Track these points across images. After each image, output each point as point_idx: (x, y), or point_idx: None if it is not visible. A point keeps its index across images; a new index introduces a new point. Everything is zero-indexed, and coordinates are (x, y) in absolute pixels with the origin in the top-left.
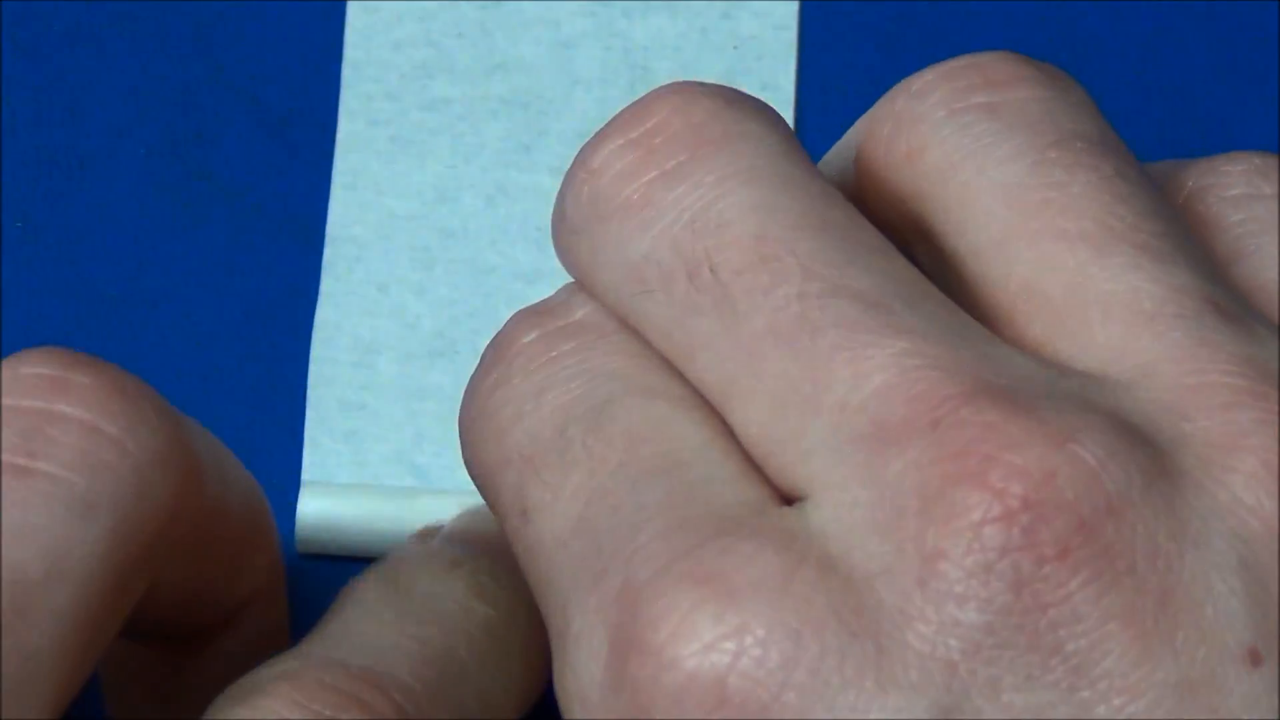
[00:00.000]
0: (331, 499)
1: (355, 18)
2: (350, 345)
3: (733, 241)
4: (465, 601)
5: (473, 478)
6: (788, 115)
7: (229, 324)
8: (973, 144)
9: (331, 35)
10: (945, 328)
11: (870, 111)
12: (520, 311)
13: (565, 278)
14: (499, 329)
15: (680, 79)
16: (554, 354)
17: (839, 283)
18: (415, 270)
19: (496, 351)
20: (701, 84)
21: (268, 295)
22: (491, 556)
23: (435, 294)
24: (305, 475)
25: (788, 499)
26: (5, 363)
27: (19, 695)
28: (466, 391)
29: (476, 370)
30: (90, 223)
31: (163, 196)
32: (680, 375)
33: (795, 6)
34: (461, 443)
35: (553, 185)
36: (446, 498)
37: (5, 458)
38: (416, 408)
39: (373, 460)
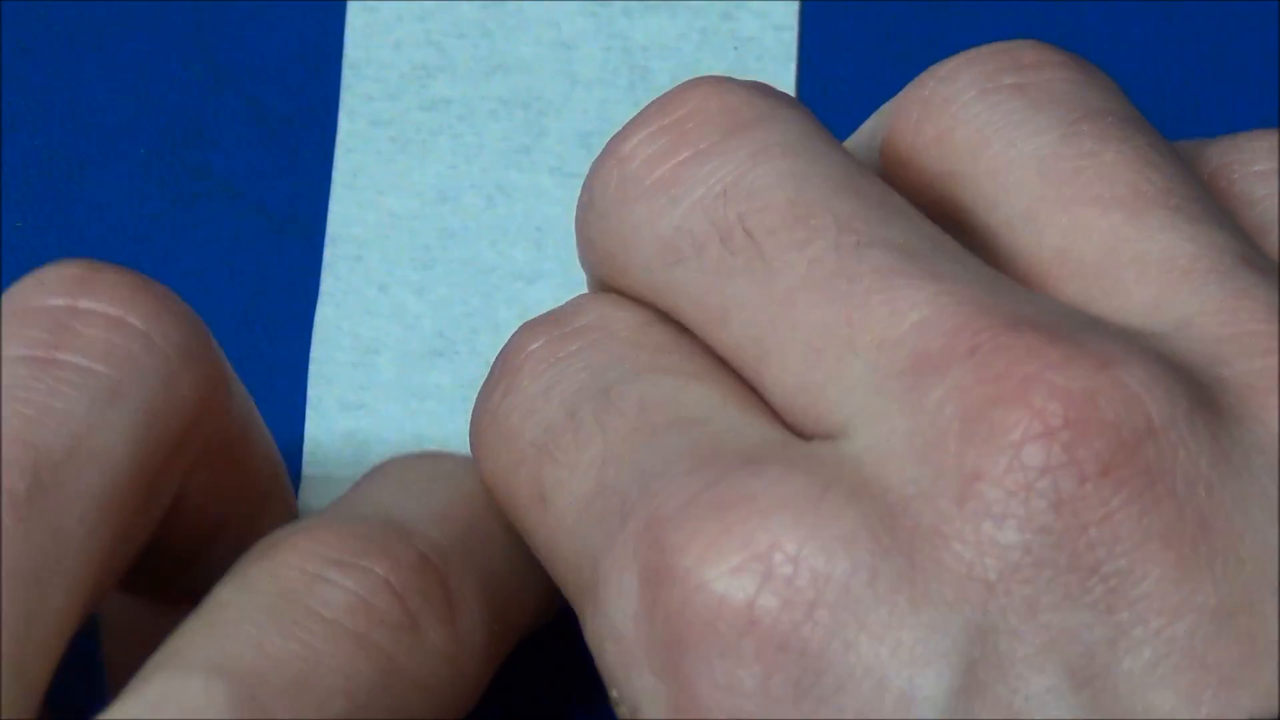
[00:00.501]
0: (332, 490)
1: (355, 18)
2: (350, 345)
3: (767, 206)
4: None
5: (483, 480)
6: None
7: (229, 324)
8: (1003, 120)
9: (331, 35)
10: (981, 274)
11: (896, 99)
12: (526, 323)
13: (565, 277)
14: (502, 336)
15: (681, 80)
16: (561, 355)
17: (875, 235)
18: (415, 270)
19: (504, 363)
20: (730, 78)
21: (268, 295)
22: None
23: (435, 294)
24: (305, 473)
25: None
26: (32, 272)
27: (48, 571)
28: (476, 406)
29: (485, 384)
30: (90, 223)
31: (163, 196)
32: (694, 355)
33: (795, 7)
34: (475, 459)
35: (553, 185)
36: None
37: (30, 351)
38: (416, 408)
39: (373, 460)
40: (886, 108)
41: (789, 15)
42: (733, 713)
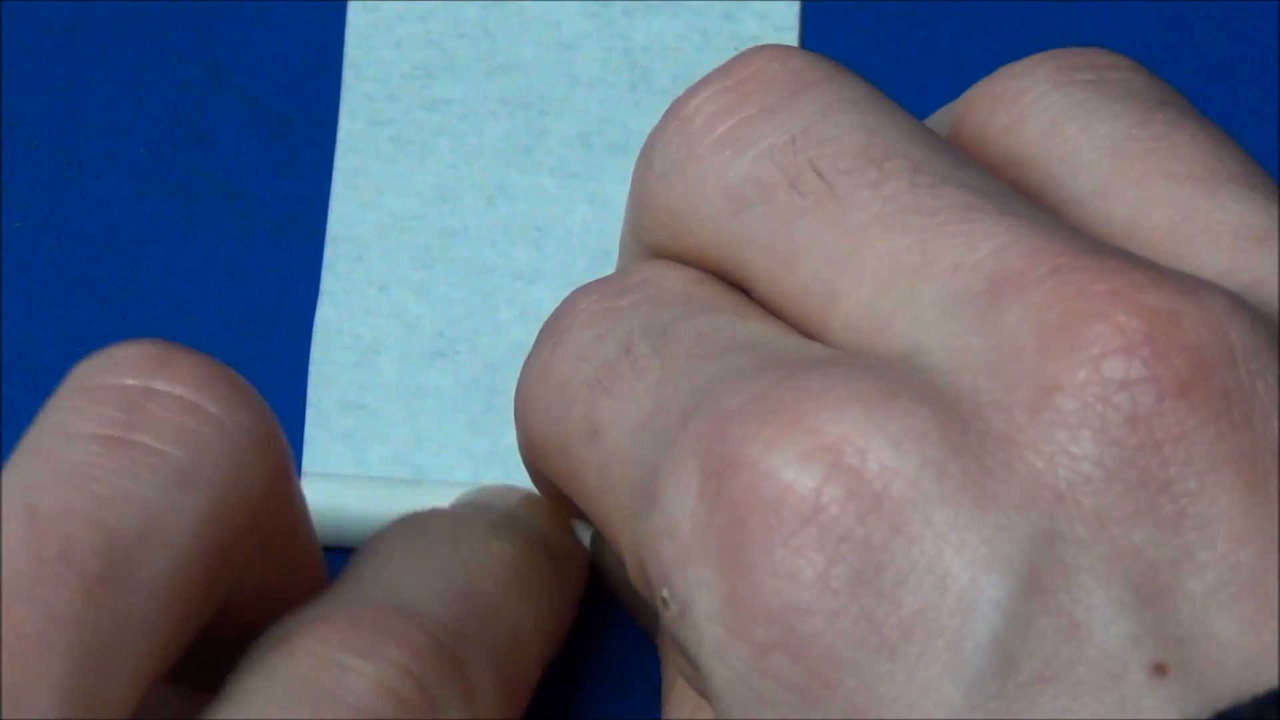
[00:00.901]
0: (331, 489)
1: (355, 18)
2: (350, 345)
3: (839, 150)
4: (486, 542)
5: (526, 446)
6: None
7: (229, 324)
8: (1078, 107)
9: (331, 35)
10: (1057, 221)
11: (964, 95)
12: (576, 289)
13: (565, 277)
14: (503, 336)
15: (682, 81)
16: (613, 307)
17: (950, 177)
18: (415, 270)
19: (554, 322)
20: (792, 46)
21: (268, 295)
22: (501, 510)
23: (435, 294)
24: (305, 473)
25: None
26: (103, 350)
27: (113, 654)
28: (524, 368)
29: (533, 347)
30: (90, 223)
31: (163, 196)
32: (750, 305)
33: (796, 7)
34: (517, 417)
35: (553, 185)
36: (447, 488)
37: (105, 430)
38: (416, 407)
39: (372, 460)
40: (951, 105)
41: (790, 16)
42: (791, 601)
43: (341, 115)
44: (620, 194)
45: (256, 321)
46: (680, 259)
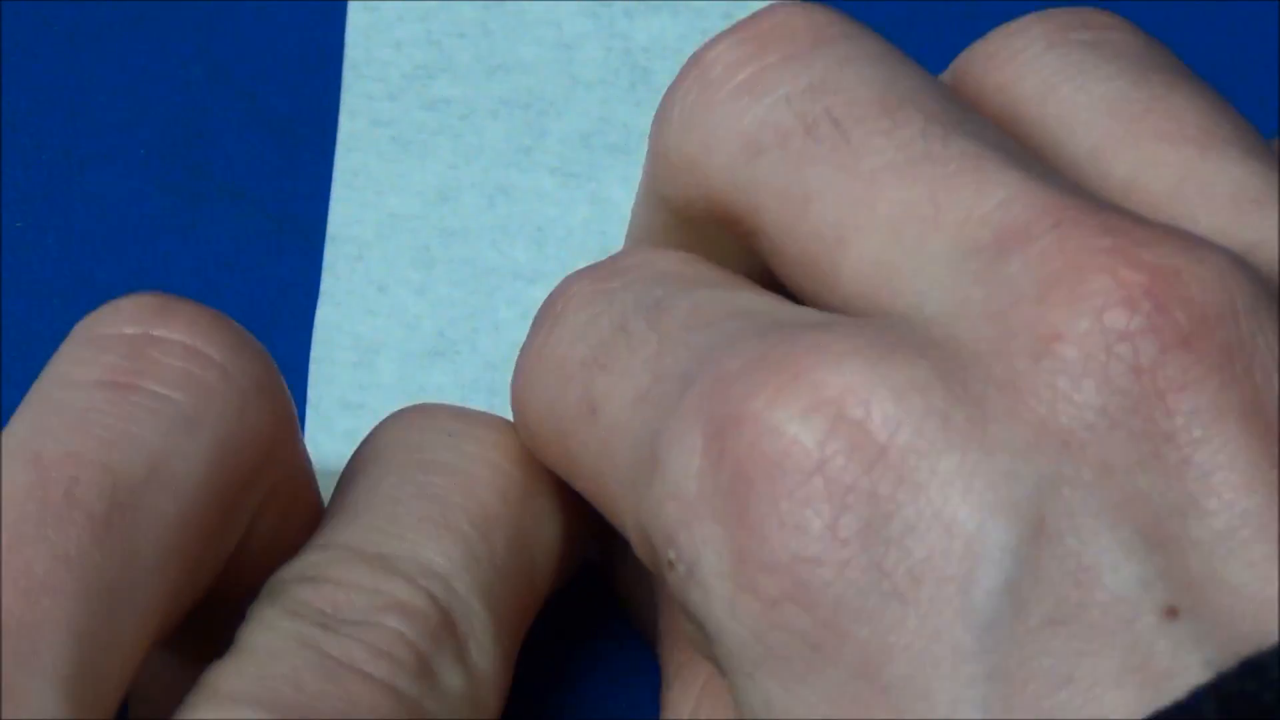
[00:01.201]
0: (331, 489)
1: (355, 18)
2: (350, 345)
3: (855, 99)
4: (487, 450)
5: (525, 435)
6: None
7: None
8: (1073, 68)
9: (331, 35)
10: (1061, 177)
11: (960, 55)
12: (569, 275)
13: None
14: (503, 336)
15: None
16: (606, 288)
17: (963, 129)
18: (415, 270)
19: (548, 307)
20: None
21: (268, 295)
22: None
23: (435, 294)
24: None
25: None
26: (106, 303)
27: (121, 595)
28: (520, 356)
29: (528, 335)
30: (90, 223)
31: (163, 196)
32: (743, 279)
33: None
34: (515, 407)
35: (553, 185)
36: None
37: (109, 376)
38: None
39: None
40: (949, 68)
41: None
42: (798, 553)
43: (341, 115)
44: (620, 194)
45: (256, 321)
46: (694, 210)
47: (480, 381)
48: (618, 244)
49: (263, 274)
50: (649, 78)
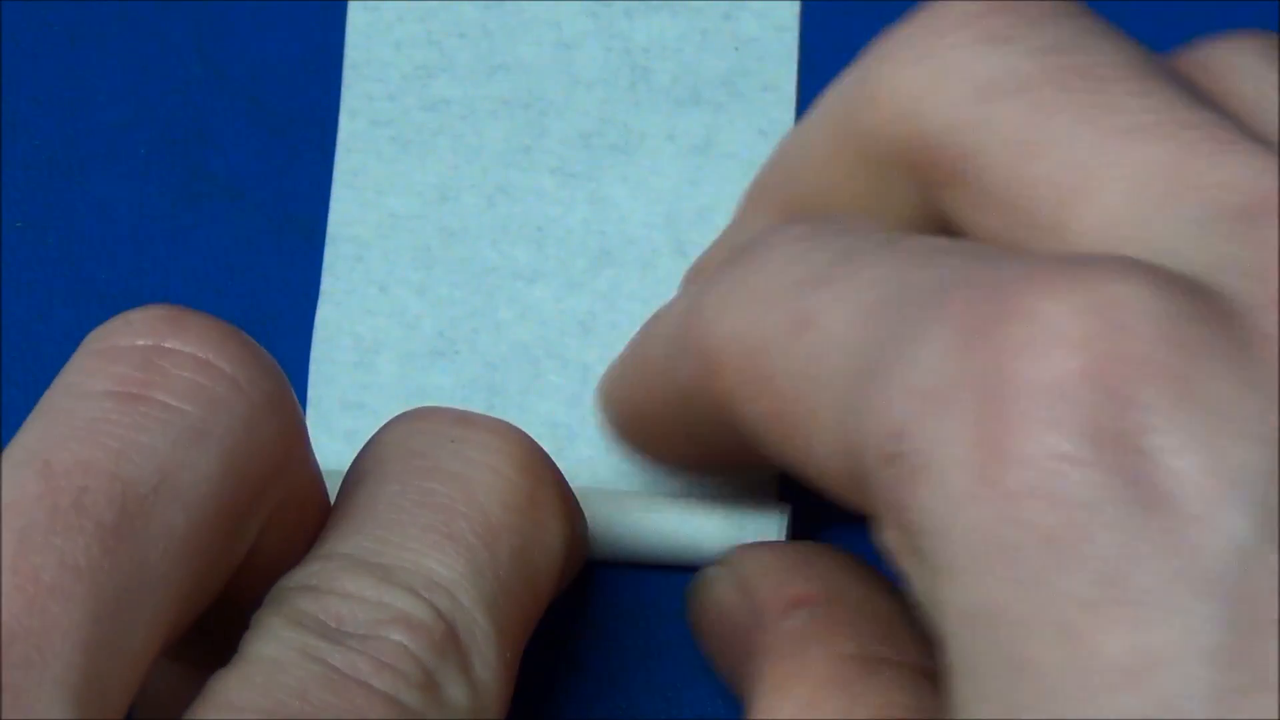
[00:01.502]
0: (331, 488)
1: (355, 18)
2: (351, 345)
3: (1102, 61)
4: (488, 454)
5: (710, 357)
6: (789, 117)
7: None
8: None
9: (332, 35)
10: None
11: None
12: (766, 230)
13: (566, 277)
14: (503, 336)
15: (681, 81)
16: (818, 229)
17: (1201, 100)
18: (415, 270)
19: (752, 247)
20: None
21: (268, 295)
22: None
23: (435, 294)
24: None
25: None
26: (118, 315)
27: (131, 604)
28: (708, 292)
29: (720, 273)
30: (90, 223)
31: (163, 196)
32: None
33: (796, 7)
34: (698, 335)
35: (553, 185)
36: None
37: (119, 387)
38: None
39: None
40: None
41: (790, 15)
42: (1052, 449)
43: (341, 115)
44: (621, 193)
45: (256, 321)
46: (888, 149)
47: (480, 381)
48: (618, 244)
49: (263, 274)
50: (649, 78)
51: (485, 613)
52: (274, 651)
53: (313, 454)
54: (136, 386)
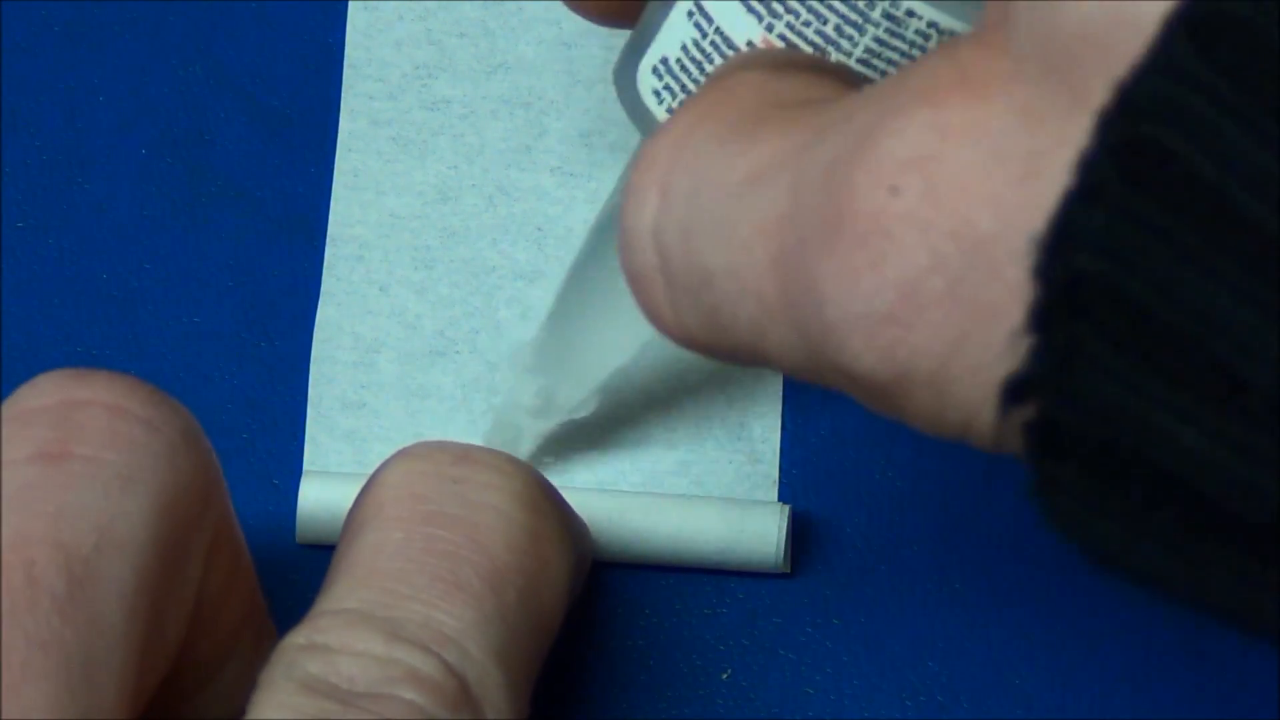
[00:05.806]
0: (331, 488)
1: (355, 17)
2: (351, 344)
3: None
4: (491, 493)
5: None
6: None
7: (229, 324)
8: None
9: (332, 35)
10: None
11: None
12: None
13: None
14: (503, 336)
15: None
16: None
17: None
18: (416, 270)
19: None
20: None
21: (268, 295)
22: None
23: (435, 294)
24: (305, 472)
25: None
26: (22, 385)
27: (96, 665)
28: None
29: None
30: (90, 223)
31: (163, 196)
32: None
33: None
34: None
35: (553, 185)
36: None
37: (41, 449)
38: (416, 407)
39: (373, 459)
40: None
41: None
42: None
43: (341, 115)
44: None
45: (256, 321)
46: None
47: (480, 381)
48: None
49: (263, 274)
50: None
51: (495, 661)
52: (278, 715)
53: (227, 491)
54: (57, 445)
